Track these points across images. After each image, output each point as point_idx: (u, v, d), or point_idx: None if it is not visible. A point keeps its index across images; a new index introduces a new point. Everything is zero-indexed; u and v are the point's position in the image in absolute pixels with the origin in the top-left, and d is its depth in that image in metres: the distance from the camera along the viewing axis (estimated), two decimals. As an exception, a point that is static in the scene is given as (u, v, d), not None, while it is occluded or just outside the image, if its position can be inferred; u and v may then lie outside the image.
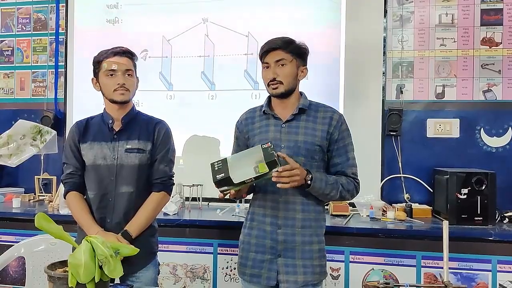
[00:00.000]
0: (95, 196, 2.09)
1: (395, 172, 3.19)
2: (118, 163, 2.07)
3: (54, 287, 1.30)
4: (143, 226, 2.06)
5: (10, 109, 3.78)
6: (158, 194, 2.11)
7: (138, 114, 2.18)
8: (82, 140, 2.13)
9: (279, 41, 1.94)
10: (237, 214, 2.94)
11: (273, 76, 1.92)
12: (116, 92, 2.06)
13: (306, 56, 2.01)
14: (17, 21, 3.82)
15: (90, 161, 2.10)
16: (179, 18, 3.45)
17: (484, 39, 3.15)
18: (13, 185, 3.71)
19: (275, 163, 1.72)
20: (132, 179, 2.07)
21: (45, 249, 2.42)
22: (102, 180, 2.08)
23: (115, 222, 2.06)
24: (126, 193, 2.07)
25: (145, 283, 2.07)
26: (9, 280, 2.97)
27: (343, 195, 1.95)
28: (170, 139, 2.18)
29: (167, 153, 2.14)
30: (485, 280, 2.52)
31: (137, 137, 2.10)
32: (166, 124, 2.20)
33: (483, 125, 3.13)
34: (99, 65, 2.09)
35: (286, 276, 1.91)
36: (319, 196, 1.93)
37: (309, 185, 1.84)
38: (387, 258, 2.60)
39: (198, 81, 3.41)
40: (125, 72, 2.06)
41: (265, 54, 1.95)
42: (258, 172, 1.73)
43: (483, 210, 2.67)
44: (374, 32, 3.21)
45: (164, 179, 2.13)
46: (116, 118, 2.12)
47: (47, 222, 1.34)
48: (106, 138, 2.10)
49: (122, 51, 2.09)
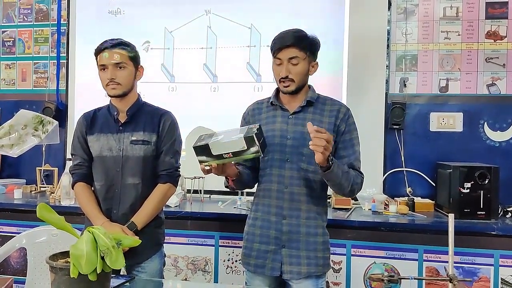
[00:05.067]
0: (101, 187, 2.10)
1: (397, 165, 3.18)
2: (124, 154, 2.08)
3: (56, 277, 1.29)
4: (149, 218, 2.07)
5: (12, 100, 3.77)
6: (164, 186, 2.11)
7: (143, 105, 2.18)
8: (89, 132, 2.14)
9: (293, 38, 1.89)
10: (239, 207, 2.93)
11: (286, 74, 1.89)
12: (108, 87, 2.07)
13: (318, 51, 1.98)
14: (19, 12, 3.80)
15: (96, 152, 2.11)
16: (181, 9, 3.43)
17: (489, 33, 3.13)
18: (15, 176, 3.71)
19: (252, 140, 1.65)
20: (138, 170, 2.08)
21: (47, 240, 2.42)
22: (108, 172, 2.09)
23: (121, 213, 2.07)
24: (132, 184, 2.08)
25: (151, 273, 2.09)
26: (11, 271, 2.97)
27: (352, 189, 1.89)
28: (176, 130, 2.18)
29: (173, 145, 2.14)
30: (487, 275, 2.52)
31: (142, 128, 2.10)
32: (172, 115, 2.20)
33: (487, 119, 3.12)
34: (96, 59, 2.10)
35: (289, 267, 1.91)
36: (332, 183, 1.85)
37: (329, 167, 1.75)
38: (389, 252, 2.60)
39: (200, 73, 3.40)
40: (116, 65, 2.04)
41: (278, 51, 1.91)
42: (237, 148, 1.66)
43: (486, 205, 2.67)
44: (378, 24, 3.19)
45: (170, 171, 2.13)
46: (121, 110, 2.12)
47: (49, 212, 1.33)
48: (112, 129, 2.11)
49: (112, 44, 2.06)
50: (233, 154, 1.68)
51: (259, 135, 1.68)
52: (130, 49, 2.10)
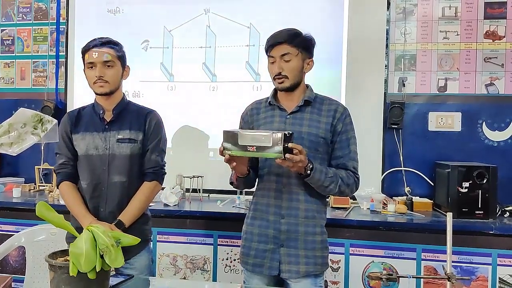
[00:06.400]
0: (88, 186, 2.10)
1: (396, 165, 3.18)
2: (110, 153, 2.09)
3: (55, 276, 1.29)
4: (136, 215, 2.09)
5: (11, 99, 3.76)
6: (150, 184, 2.13)
7: (129, 104, 2.20)
8: (74, 131, 2.14)
9: (285, 35, 1.91)
10: (238, 206, 2.93)
11: (279, 70, 1.91)
12: (95, 85, 2.08)
13: (313, 48, 1.99)
14: (18, 10, 3.80)
15: (82, 151, 2.11)
16: (180, 8, 3.43)
17: (488, 33, 3.14)
18: (13, 175, 3.71)
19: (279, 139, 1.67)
20: (125, 168, 2.09)
21: (45, 239, 2.43)
22: (95, 170, 2.09)
23: (108, 211, 2.08)
24: (119, 182, 2.09)
25: (139, 270, 2.10)
26: (10, 270, 2.97)
27: (342, 190, 1.92)
28: (161, 129, 2.20)
29: (158, 143, 2.16)
30: (485, 274, 2.52)
31: (128, 127, 2.12)
32: (157, 114, 2.22)
33: (485, 118, 3.12)
34: (83, 57, 2.11)
35: (288, 266, 1.92)
36: (318, 188, 1.91)
37: (308, 174, 1.82)
38: (387, 251, 2.60)
39: (199, 72, 3.39)
40: (104, 64, 2.06)
41: (271, 48, 1.93)
42: (262, 143, 1.69)
43: (484, 204, 2.67)
44: (377, 24, 3.19)
45: (156, 169, 2.15)
46: (107, 109, 2.14)
47: (48, 211, 1.34)
48: (98, 128, 2.12)
49: (101, 42, 2.08)
50: (256, 149, 1.70)
51: (288, 138, 1.70)
52: (119, 48, 2.13)
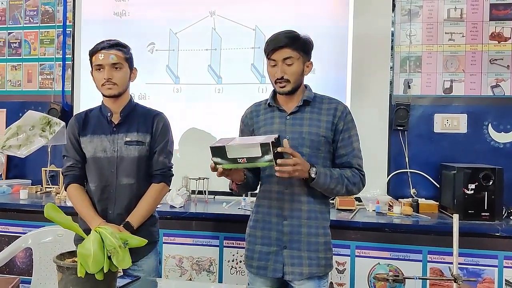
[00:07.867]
0: (96, 188, 2.12)
1: (401, 167, 3.18)
2: (118, 155, 2.10)
3: (63, 277, 1.30)
4: (144, 217, 2.10)
5: (18, 101, 3.79)
6: (158, 185, 2.15)
7: (136, 107, 2.21)
8: (82, 133, 2.16)
9: (286, 38, 1.91)
10: (243, 208, 2.94)
11: (281, 74, 1.91)
12: (103, 87, 2.09)
13: (311, 51, 2.00)
14: (25, 13, 3.83)
15: (90, 153, 2.13)
16: (186, 11, 3.44)
17: (493, 34, 3.13)
18: (20, 177, 3.73)
19: (268, 147, 1.66)
20: (132, 171, 2.11)
21: (52, 240, 2.44)
22: (103, 172, 2.11)
23: (116, 213, 2.10)
24: (127, 184, 2.10)
25: (147, 271, 2.11)
26: (17, 271, 2.99)
27: (349, 189, 1.92)
28: (168, 131, 2.21)
29: (166, 145, 2.17)
30: (491, 276, 2.51)
31: (136, 129, 2.13)
32: (164, 116, 2.23)
33: (491, 120, 3.11)
34: (91, 59, 2.12)
35: (291, 268, 1.92)
36: (324, 191, 1.91)
37: (313, 178, 1.83)
38: (393, 253, 2.60)
39: (205, 75, 3.41)
40: (112, 66, 2.07)
41: (272, 52, 1.93)
42: (252, 154, 1.68)
43: (490, 206, 2.66)
44: (382, 26, 3.19)
45: (163, 171, 2.16)
46: (114, 111, 2.15)
47: (56, 212, 1.35)
48: (106, 131, 2.13)
49: (109, 44, 2.09)
50: (247, 160, 1.70)
51: (276, 144, 1.69)
52: (126, 50, 2.14)
